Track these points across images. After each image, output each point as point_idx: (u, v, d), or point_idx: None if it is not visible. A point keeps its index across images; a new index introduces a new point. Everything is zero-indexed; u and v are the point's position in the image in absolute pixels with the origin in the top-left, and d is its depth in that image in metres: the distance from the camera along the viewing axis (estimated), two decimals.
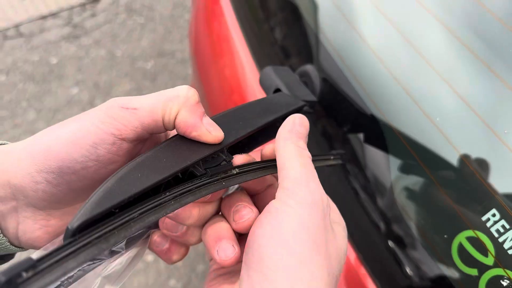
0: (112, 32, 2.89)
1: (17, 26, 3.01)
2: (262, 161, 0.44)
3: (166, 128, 0.39)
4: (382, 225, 0.55)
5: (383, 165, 0.55)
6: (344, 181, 0.61)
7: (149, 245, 0.46)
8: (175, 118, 0.38)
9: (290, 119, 0.44)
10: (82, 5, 3.07)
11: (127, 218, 0.32)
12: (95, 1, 3.08)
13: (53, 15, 3.04)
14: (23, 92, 2.63)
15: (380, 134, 0.56)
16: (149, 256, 1.88)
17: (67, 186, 0.37)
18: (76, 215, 0.30)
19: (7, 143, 0.40)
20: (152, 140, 0.44)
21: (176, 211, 0.40)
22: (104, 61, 2.72)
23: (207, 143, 0.40)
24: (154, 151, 0.38)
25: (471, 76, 0.49)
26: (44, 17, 3.03)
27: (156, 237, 0.46)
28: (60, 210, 0.40)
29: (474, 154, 0.46)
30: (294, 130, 0.43)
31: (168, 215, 0.37)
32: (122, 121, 0.37)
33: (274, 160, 0.43)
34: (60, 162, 0.36)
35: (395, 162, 0.54)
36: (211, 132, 0.40)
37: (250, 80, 0.87)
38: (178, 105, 0.38)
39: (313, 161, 0.42)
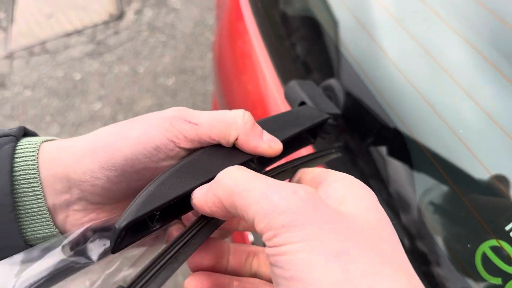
0: (135, 49, 2.95)
1: (42, 43, 3.10)
2: (286, 163, 0.46)
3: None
4: (406, 236, 0.56)
5: (407, 176, 0.56)
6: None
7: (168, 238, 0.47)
8: (235, 142, 0.42)
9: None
10: (106, 23, 3.15)
11: (189, 237, 0.35)
12: (118, 19, 3.16)
13: (78, 32, 3.13)
14: (48, 107, 2.70)
15: (403, 146, 0.57)
16: None
17: (126, 184, 0.40)
18: (122, 216, 0.33)
19: (56, 139, 0.42)
20: None
21: None
22: (126, 77, 2.78)
23: (268, 156, 0.43)
24: (191, 158, 0.40)
25: (493, 89, 0.50)
26: (68, 35, 3.12)
27: (174, 231, 0.47)
28: (112, 205, 0.42)
29: (497, 165, 0.47)
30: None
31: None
32: (183, 133, 0.40)
33: (298, 159, 0.46)
34: (125, 161, 0.39)
35: (418, 174, 0.55)
36: (272, 147, 0.43)
37: (273, 94, 0.89)
38: (237, 132, 0.41)
39: (317, 158, 0.43)
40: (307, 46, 0.87)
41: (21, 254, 0.38)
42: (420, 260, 0.54)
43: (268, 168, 0.46)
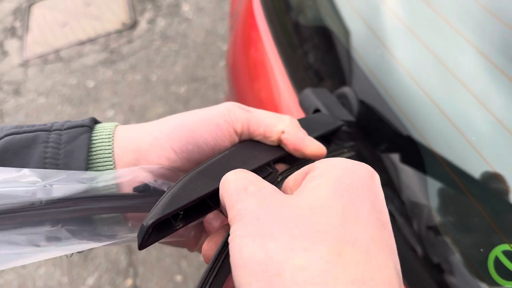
0: (148, 58, 2.99)
1: (57, 51, 3.15)
2: (298, 163, 0.48)
3: (265, 139, 0.47)
4: (419, 241, 0.57)
5: (419, 182, 0.58)
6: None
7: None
8: (281, 135, 0.46)
9: None
10: (119, 32, 3.19)
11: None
12: (131, 28, 3.20)
13: (91, 41, 3.18)
14: (61, 114, 2.74)
15: (416, 152, 0.58)
16: None
17: (187, 156, 0.45)
18: (149, 214, 0.36)
19: (119, 124, 0.47)
20: None
21: None
22: (139, 85, 2.82)
23: (312, 155, 0.47)
24: (212, 162, 0.42)
25: (505, 98, 0.52)
26: (82, 43, 3.17)
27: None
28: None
29: (509, 170, 0.49)
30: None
31: None
32: (237, 116, 0.46)
33: (310, 160, 0.47)
34: (188, 132, 0.44)
35: (431, 180, 0.56)
36: (314, 145, 0.47)
37: (286, 102, 0.91)
38: (284, 125, 0.46)
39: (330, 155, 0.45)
40: (320, 55, 0.89)
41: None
42: (434, 265, 0.55)
43: (281, 170, 0.47)
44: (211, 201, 0.41)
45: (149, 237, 0.37)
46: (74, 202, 0.40)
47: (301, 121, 0.55)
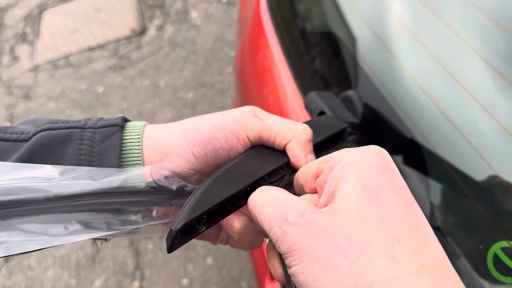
0: (156, 63, 3.03)
1: (67, 57, 3.19)
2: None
3: (276, 146, 0.49)
4: None
5: (421, 182, 0.59)
6: None
7: None
8: (286, 145, 0.48)
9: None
10: (128, 38, 3.24)
11: None
12: (140, 35, 3.25)
13: (101, 47, 3.22)
14: (70, 118, 2.76)
15: (419, 153, 0.60)
16: None
17: (205, 159, 0.48)
18: (177, 219, 0.39)
19: (147, 123, 0.50)
20: None
21: None
22: (148, 91, 2.86)
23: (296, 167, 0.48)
24: (229, 167, 0.46)
25: (506, 102, 0.54)
26: (92, 49, 3.21)
27: None
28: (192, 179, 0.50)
29: (507, 170, 0.50)
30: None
31: None
32: (250, 123, 0.49)
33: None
34: (206, 138, 0.47)
35: (433, 180, 0.58)
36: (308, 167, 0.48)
37: (293, 106, 0.93)
38: (292, 136, 0.48)
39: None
40: (326, 61, 0.91)
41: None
42: None
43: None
44: (230, 205, 0.45)
45: (177, 241, 0.40)
46: (84, 197, 0.42)
47: (307, 124, 0.57)
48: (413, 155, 0.62)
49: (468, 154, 0.55)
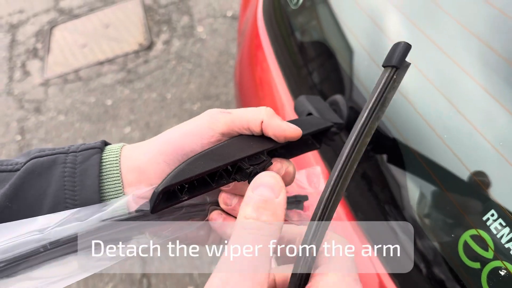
0: (163, 77, 3.10)
1: (76, 71, 3.27)
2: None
3: (251, 132, 0.52)
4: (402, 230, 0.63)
5: (399, 176, 0.64)
6: (368, 192, 0.69)
7: (209, 219, 0.56)
8: (261, 124, 0.52)
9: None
10: (136, 53, 3.31)
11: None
12: (148, 49, 3.32)
13: (109, 61, 3.30)
14: (80, 131, 2.85)
15: (398, 151, 0.65)
16: None
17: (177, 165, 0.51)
18: (160, 184, 0.45)
19: (126, 144, 0.54)
20: None
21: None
22: (155, 103, 2.92)
23: (290, 137, 0.52)
24: (212, 148, 0.50)
25: (480, 104, 0.58)
26: (101, 63, 3.29)
27: (214, 214, 0.55)
28: None
29: (476, 166, 0.55)
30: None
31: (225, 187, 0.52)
32: (219, 119, 0.51)
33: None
34: (176, 146, 0.50)
35: (409, 174, 0.62)
36: (290, 127, 0.52)
37: (289, 116, 0.98)
38: (261, 116, 0.52)
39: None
40: (322, 74, 0.96)
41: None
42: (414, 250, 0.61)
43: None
44: (211, 180, 0.49)
45: (159, 203, 0.45)
46: (75, 238, 0.47)
47: (293, 121, 0.61)
48: (391, 152, 0.66)
49: (441, 151, 0.59)
